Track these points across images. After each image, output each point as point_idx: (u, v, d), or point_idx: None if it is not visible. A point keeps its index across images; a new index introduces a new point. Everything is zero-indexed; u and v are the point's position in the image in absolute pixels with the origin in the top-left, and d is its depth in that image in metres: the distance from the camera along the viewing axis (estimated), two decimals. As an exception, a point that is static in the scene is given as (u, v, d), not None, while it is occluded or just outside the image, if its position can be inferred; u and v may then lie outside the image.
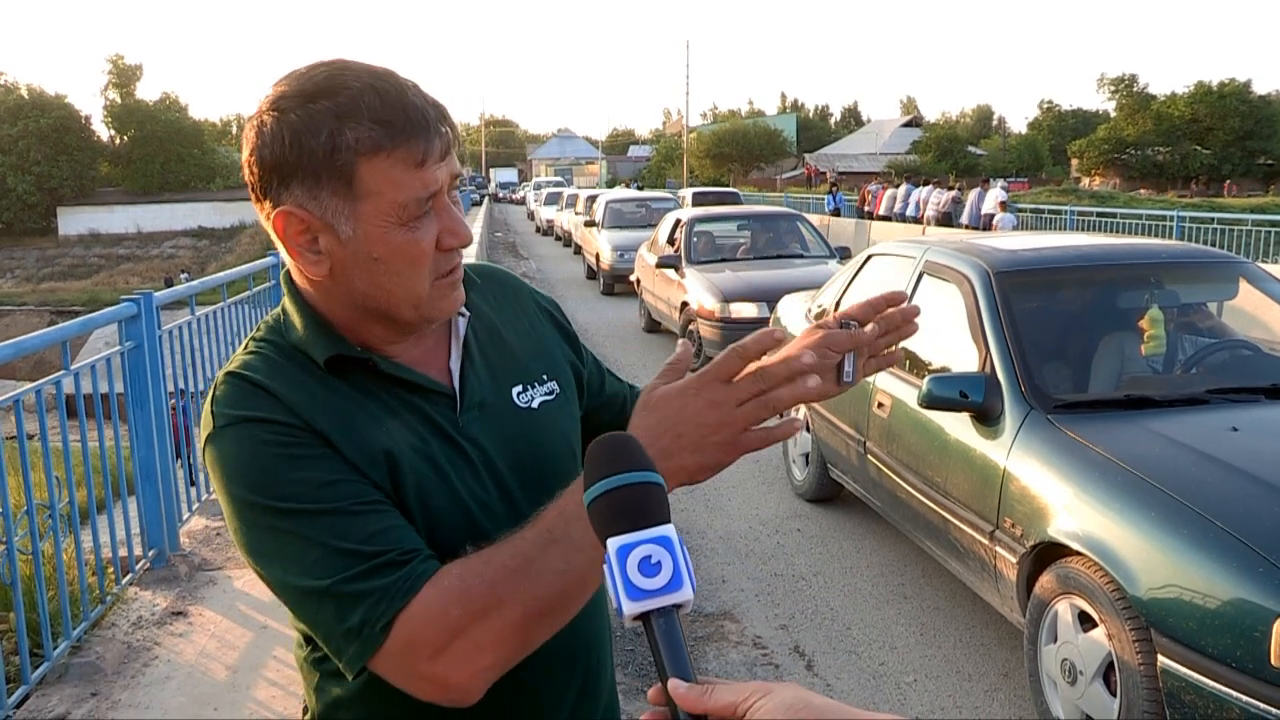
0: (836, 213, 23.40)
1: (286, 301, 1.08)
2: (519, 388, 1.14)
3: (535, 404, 1.14)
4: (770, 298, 7.80)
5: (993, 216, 17.16)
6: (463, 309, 1.11)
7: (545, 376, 1.17)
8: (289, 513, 0.95)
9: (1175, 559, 2.67)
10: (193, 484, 4.92)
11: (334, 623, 0.92)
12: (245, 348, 1.06)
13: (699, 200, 19.18)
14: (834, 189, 26.59)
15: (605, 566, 0.72)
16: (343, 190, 0.96)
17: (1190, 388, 3.64)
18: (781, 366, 0.95)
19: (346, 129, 0.94)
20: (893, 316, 1.05)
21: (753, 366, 0.97)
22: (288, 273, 1.09)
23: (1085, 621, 2.95)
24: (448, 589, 0.91)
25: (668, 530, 0.73)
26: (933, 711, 3.40)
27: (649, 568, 0.71)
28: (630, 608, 0.70)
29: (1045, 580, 3.10)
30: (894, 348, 1.07)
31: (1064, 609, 3.03)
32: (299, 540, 0.94)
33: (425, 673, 0.91)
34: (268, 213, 1.00)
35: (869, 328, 1.03)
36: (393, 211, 0.96)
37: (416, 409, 1.05)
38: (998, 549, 3.36)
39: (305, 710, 1.14)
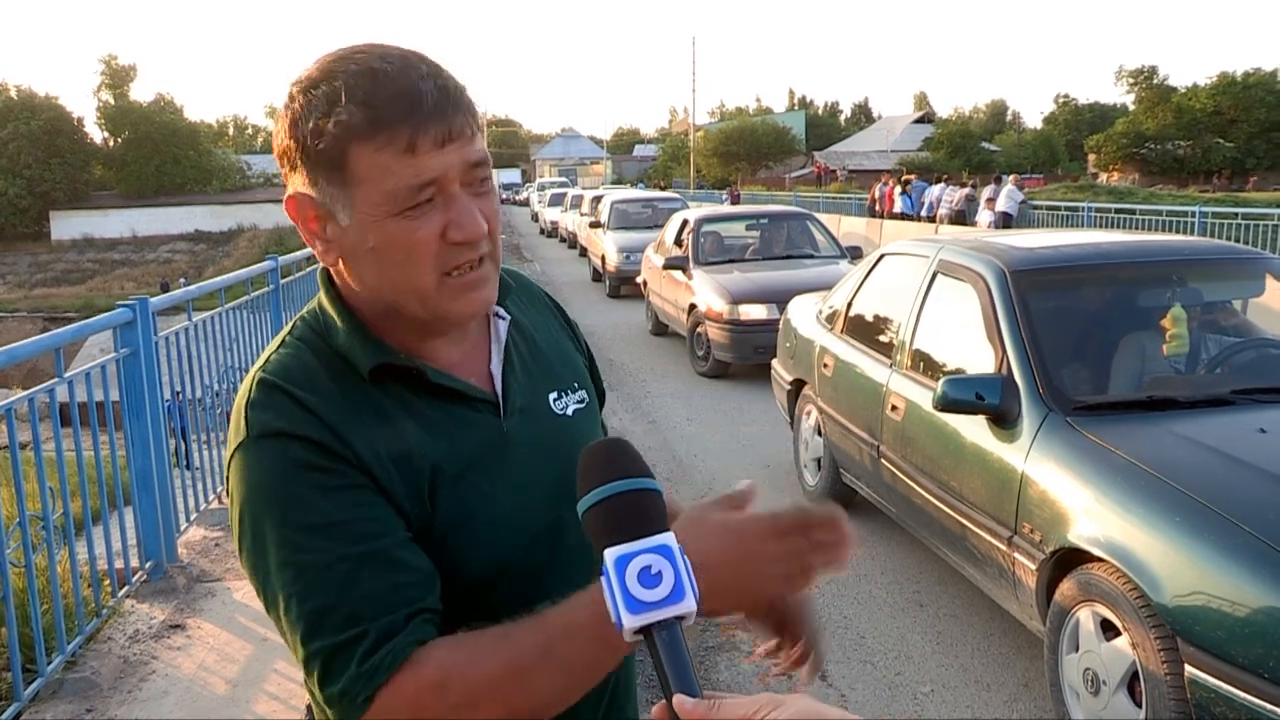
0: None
1: (325, 300, 1.05)
2: (554, 394, 1.12)
3: (569, 411, 1.12)
4: (780, 299, 7.70)
5: (1008, 215, 17.02)
6: (502, 312, 1.10)
7: (576, 385, 1.15)
8: (304, 548, 0.91)
9: (1202, 565, 2.60)
10: (188, 467, 4.78)
11: (320, 683, 0.90)
12: (282, 343, 1.03)
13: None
14: (906, 186, 22.94)
15: (603, 579, 0.69)
16: (336, 177, 0.93)
17: (1215, 388, 3.57)
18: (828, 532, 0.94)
19: (334, 113, 0.91)
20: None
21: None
22: (325, 270, 1.06)
23: (1108, 630, 2.87)
24: (427, 681, 0.87)
25: (667, 539, 0.70)
26: (950, 723, 3.31)
27: (649, 578, 0.68)
28: (630, 621, 0.67)
29: (1066, 587, 3.03)
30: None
31: (1086, 617, 2.95)
32: (305, 579, 0.90)
33: None
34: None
35: None
36: (384, 200, 0.92)
37: (460, 418, 1.02)
38: (1016, 555, 3.28)
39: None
